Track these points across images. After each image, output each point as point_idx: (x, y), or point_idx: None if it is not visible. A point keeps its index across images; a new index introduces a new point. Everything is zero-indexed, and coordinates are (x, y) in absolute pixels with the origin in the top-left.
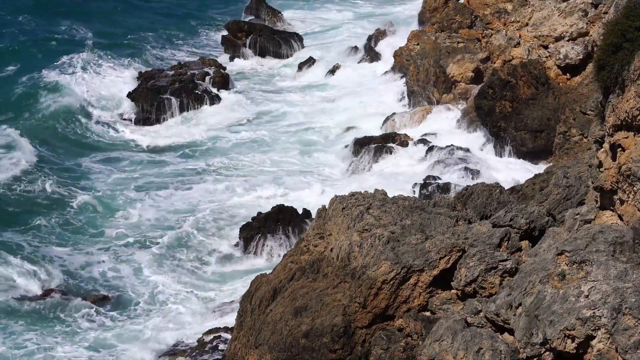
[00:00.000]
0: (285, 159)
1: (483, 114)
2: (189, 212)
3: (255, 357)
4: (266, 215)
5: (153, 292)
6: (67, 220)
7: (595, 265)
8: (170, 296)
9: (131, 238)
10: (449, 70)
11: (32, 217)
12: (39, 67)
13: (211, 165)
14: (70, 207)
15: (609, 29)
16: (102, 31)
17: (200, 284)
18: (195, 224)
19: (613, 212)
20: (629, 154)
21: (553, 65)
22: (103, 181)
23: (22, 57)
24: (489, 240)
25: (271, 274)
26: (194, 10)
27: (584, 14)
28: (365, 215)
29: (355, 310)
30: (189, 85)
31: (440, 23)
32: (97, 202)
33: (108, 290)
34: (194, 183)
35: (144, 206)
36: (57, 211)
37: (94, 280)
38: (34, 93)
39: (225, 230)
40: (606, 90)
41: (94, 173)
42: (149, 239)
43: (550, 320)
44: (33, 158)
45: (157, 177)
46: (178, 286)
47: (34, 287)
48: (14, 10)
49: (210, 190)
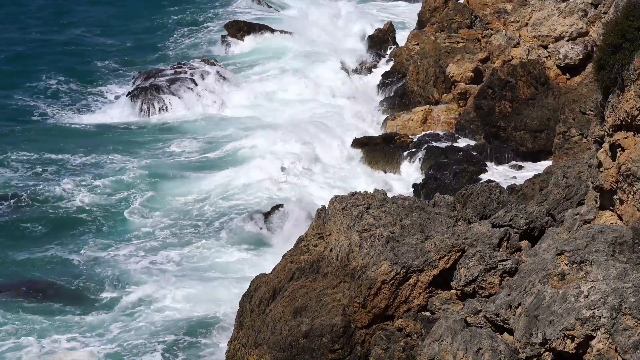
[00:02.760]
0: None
1: (483, 114)
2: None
3: (255, 357)
4: (266, 215)
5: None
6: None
7: (595, 265)
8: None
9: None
10: (449, 70)
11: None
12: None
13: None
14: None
15: (608, 29)
16: (102, 31)
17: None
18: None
19: (613, 212)
20: (629, 154)
21: (553, 65)
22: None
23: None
24: (488, 240)
25: (271, 274)
26: (194, 9)
27: (584, 14)
28: (365, 215)
29: (354, 310)
30: (189, 85)
31: (440, 23)
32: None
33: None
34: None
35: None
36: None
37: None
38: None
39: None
40: (606, 90)
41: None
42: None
43: (549, 320)
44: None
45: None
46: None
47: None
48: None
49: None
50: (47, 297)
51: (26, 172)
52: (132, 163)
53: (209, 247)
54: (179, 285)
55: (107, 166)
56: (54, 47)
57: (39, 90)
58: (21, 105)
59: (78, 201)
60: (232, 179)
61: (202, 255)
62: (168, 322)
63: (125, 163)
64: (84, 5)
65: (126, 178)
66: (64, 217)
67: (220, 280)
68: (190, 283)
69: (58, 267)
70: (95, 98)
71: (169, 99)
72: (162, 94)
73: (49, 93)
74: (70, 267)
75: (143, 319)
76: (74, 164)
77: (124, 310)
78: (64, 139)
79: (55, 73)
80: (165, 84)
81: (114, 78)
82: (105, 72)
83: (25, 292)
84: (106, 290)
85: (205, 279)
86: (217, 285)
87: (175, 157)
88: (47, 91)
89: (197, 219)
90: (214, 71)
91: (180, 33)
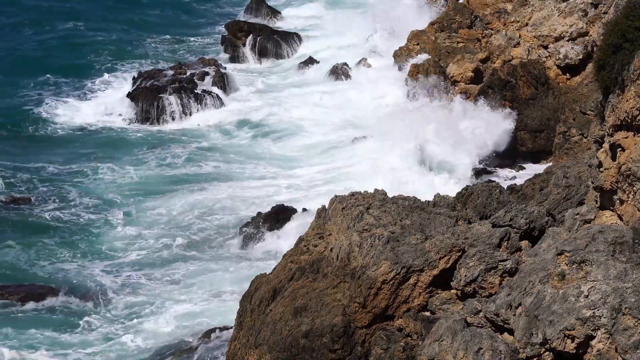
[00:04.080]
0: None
1: None
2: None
3: (255, 357)
4: (266, 215)
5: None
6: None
7: (595, 265)
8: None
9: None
10: (449, 70)
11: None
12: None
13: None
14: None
15: (608, 29)
16: (102, 32)
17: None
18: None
19: (613, 212)
20: (629, 154)
21: (553, 65)
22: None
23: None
24: (488, 240)
25: (271, 274)
26: (194, 9)
27: (584, 14)
28: (365, 215)
29: (355, 310)
30: (189, 85)
31: (440, 23)
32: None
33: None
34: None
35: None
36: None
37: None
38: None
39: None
40: (606, 90)
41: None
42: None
43: (550, 320)
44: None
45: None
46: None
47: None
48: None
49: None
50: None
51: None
52: (124, 170)
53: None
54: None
55: (98, 172)
56: (48, 43)
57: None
58: (14, 103)
59: (53, 211)
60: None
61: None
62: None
63: (116, 169)
64: (83, 4)
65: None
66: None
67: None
68: (180, 298)
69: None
70: (95, 98)
71: (169, 100)
72: (162, 95)
73: (45, 89)
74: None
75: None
76: (54, 170)
77: (105, 325)
78: (58, 142)
79: (51, 70)
80: (166, 84)
81: (114, 78)
82: (104, 72)
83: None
84: (83, 304)
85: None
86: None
87: (173, 165)
88: (42, 88)
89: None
90: (214, 72)
91: (181, 33)
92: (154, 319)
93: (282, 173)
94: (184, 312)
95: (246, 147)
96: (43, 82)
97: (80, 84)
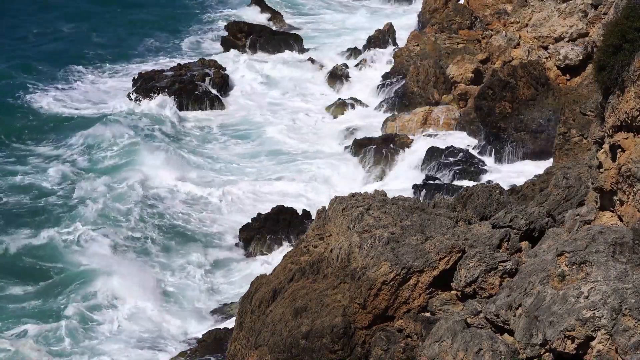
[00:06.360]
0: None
1: (483, 114)
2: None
3: (255, 357)
4: (266, 215)
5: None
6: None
7: (595, 266)
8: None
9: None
10: (449, 71)
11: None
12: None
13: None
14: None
15: (608, 29)
16: (102, 32)
17: (199, 285)
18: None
19: (613, 213)
20: (629, 154)
21: (553, 66)
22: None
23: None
24: (488, 241)
25: (271, 275)
26: (194, 10)
27: (584, 14)
28: (365, 216)
29: (355, 311)
30: (189, 86)
31: (440, 24)
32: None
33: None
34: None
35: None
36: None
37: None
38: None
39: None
40: (606, 91)
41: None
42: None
43: (550, 321)
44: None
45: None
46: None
47: None
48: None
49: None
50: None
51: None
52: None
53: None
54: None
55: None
56: (46, 41)
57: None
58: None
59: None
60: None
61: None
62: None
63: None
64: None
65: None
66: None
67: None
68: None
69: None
70: (94, 97)
71: (169, 101)
72: (163, 95)
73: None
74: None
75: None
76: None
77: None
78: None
79: (49, 70)
80: (166, 85)
81: (112, 77)
82: (103, 71)
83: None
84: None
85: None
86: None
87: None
88: (42, 90)
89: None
90: (213, 73)
91: (181, 33)
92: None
93: (282, 173)
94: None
95: (246, 147)
96: (43, 84)
97: (80, 85)
